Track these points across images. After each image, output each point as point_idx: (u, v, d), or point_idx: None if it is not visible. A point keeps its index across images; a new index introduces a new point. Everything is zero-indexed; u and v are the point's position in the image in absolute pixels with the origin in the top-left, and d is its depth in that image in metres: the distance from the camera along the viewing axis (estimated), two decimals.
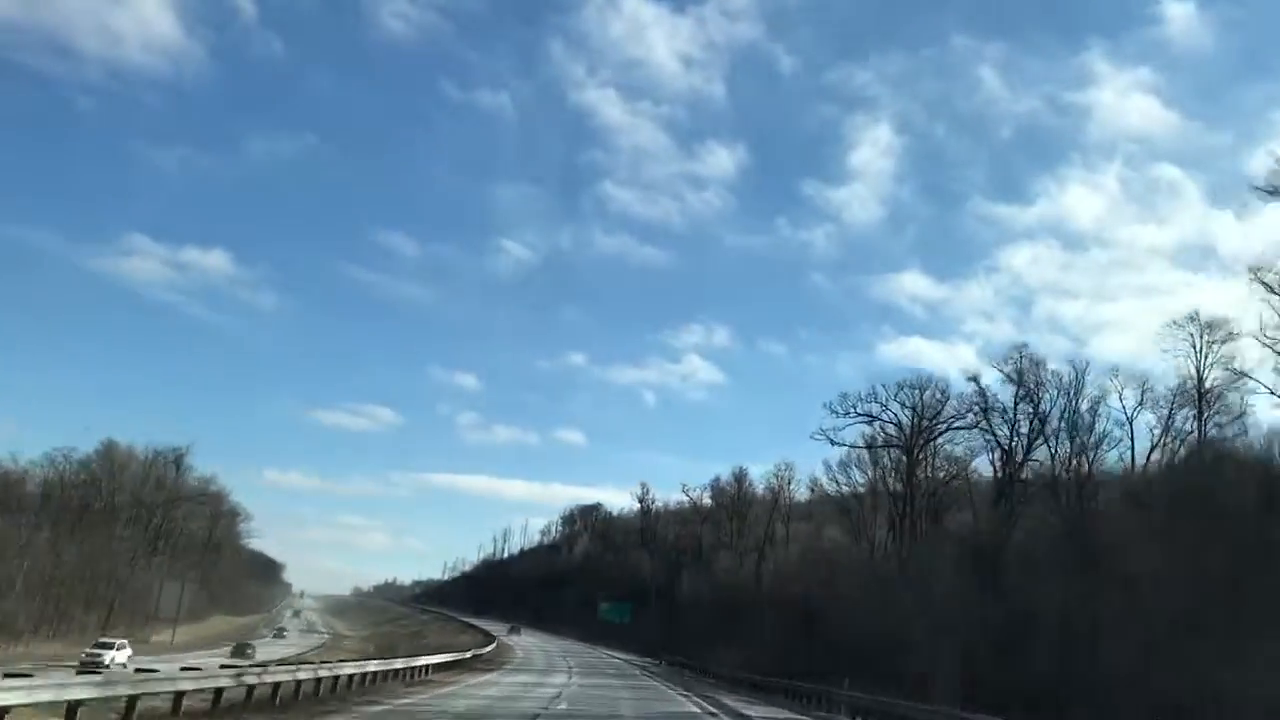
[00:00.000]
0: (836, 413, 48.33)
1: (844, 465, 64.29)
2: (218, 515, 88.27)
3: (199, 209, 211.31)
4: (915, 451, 47.34)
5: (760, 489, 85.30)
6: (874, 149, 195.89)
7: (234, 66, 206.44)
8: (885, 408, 47.98)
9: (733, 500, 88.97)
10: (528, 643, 79.38)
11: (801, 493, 77.02)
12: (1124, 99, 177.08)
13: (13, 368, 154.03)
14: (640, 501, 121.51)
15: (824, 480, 63.62)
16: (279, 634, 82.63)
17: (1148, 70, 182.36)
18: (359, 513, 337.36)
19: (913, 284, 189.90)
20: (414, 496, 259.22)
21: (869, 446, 49.56)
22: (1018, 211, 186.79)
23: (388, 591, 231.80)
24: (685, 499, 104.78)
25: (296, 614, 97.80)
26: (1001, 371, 43.56)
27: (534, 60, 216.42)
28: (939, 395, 47.20)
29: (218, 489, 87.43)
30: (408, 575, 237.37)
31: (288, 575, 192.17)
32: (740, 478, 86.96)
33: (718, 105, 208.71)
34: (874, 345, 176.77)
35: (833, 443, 49.06)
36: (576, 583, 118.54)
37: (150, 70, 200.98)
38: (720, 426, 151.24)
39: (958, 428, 46.16)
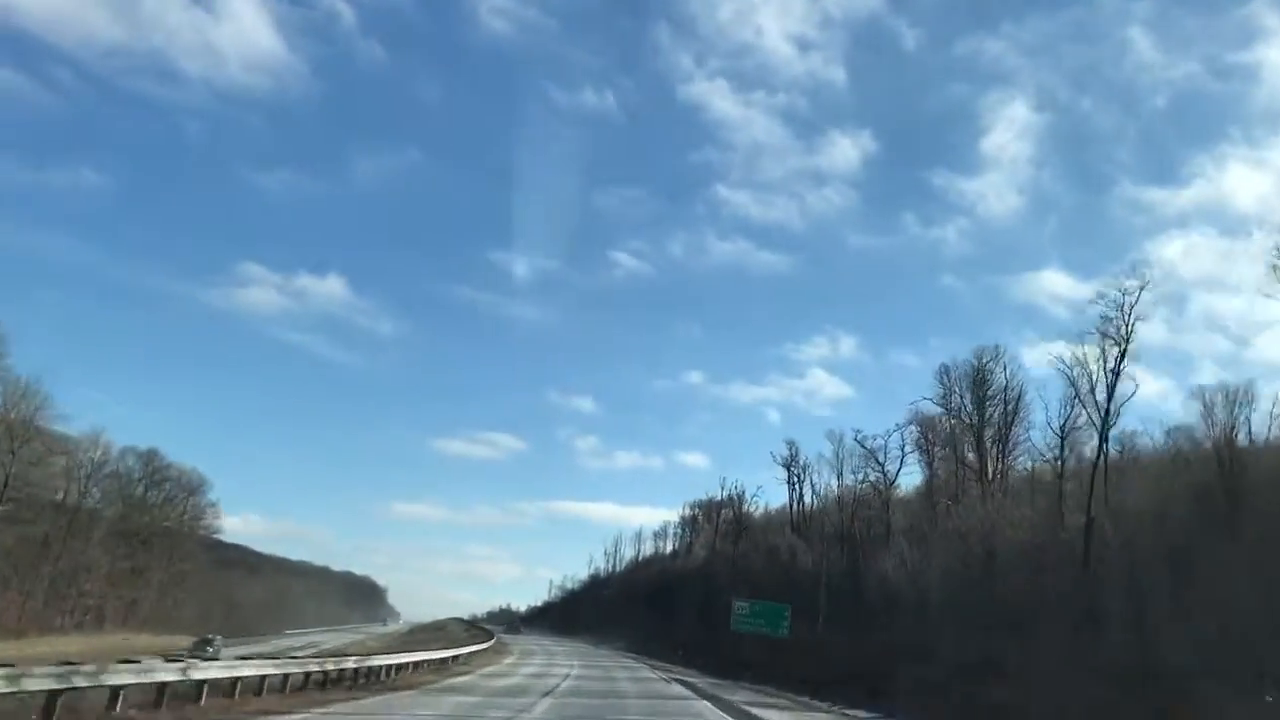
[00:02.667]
0: None
1: None
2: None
3: (309, 234, 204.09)
4: None
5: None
6: (1010, 130, 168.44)
7: (337, 80, 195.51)
8: None
9: (971, 421, 48.00)
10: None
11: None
12: None
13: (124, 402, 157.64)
14: (787, 468, 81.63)
15: None
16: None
17: None
18: (486, 543, 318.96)
19: (1054, 282, 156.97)
20: (539, 526, 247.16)
21: None
22: (1171, 195, 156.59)
23: (499, 617, 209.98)
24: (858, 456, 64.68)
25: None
26: None
27: (639, 52, 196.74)
28: None
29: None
30: (526, 603, 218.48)
31: (393, 599, 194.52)
32: (987, 359, 45.77)
33: (837, 91, 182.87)
34: (1013, 351, 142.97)
35: None
36: (695, 589, 79.65)
37: (254, 90, 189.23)
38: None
39: None
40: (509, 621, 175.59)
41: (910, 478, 79.15)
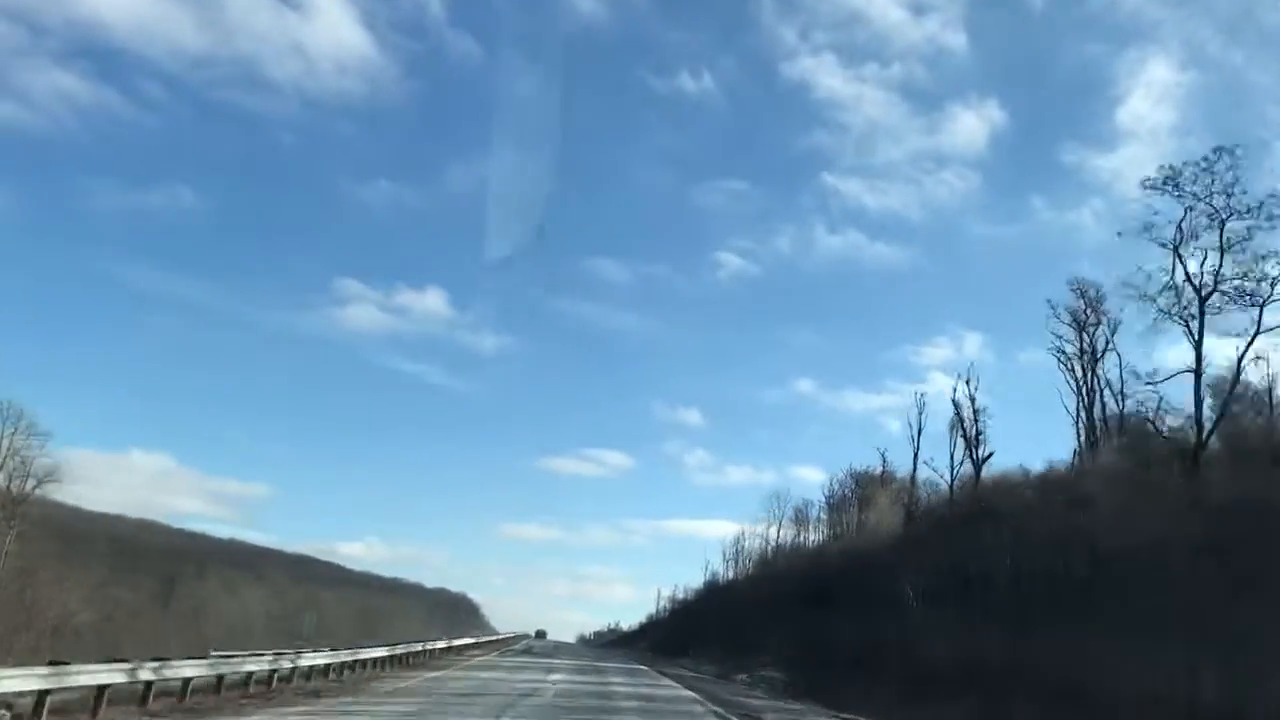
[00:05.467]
0: None
1: None
2: None
3: (405, 245, 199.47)
4: None
5: None
6: (1149, 95, 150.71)
7: (429, 80, 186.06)
8: None
9: None
10: None
11: None
12: None
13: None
14: (1079, 327, 42.07)
15: None
16: None
17: None
18: (598, 563, 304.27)
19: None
20: (650, 545, 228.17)
21: None
22: None
23: (605, 636, 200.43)
24: None
25: None
26: None
27: (739, 28, 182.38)
28: None
29: None
30: (639, 622, 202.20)
31: (496, 620, 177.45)
32: None
33: (957, 59, 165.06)
34: (1155, 347, 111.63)
35: None
36: (911, 568, 40.13)
37: (346, 95, 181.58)
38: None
39: None
40: (607, 641, 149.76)
41: None
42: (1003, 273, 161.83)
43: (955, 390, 53.71)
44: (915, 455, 61.30)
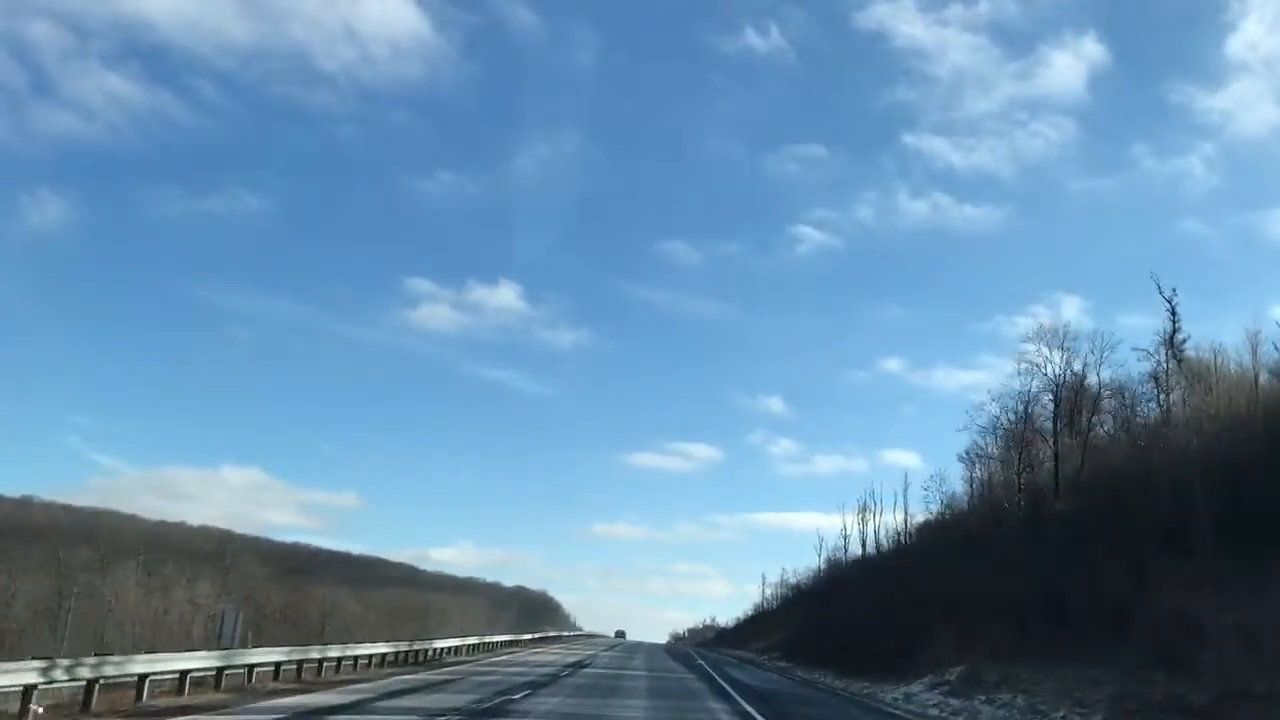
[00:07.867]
0: None
1: None
2: None
3: (474, 238, 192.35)
4: None
5: None
6: (1263, 19, 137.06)
7: (488, 58, 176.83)
8: None
9: None
10: None
11: None
12: None
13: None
14: None
15: None
16: None
17: None
18: (689, 560, 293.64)
19: None
20: (739, 540, 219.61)
21: None
22: None
23: (700, 634, 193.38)
24: None
25: None
26: None
27: None
28: None
29: None
30: (735, 618, 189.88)
31: (584, 619, 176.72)
32: None
33: None
34: (1271, 308, 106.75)
35: None
36: None
37: (402, 82, 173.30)
38: None
39: None
40: (702, 641, 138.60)
41: None
42: (1101, 229, 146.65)
43: None
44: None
